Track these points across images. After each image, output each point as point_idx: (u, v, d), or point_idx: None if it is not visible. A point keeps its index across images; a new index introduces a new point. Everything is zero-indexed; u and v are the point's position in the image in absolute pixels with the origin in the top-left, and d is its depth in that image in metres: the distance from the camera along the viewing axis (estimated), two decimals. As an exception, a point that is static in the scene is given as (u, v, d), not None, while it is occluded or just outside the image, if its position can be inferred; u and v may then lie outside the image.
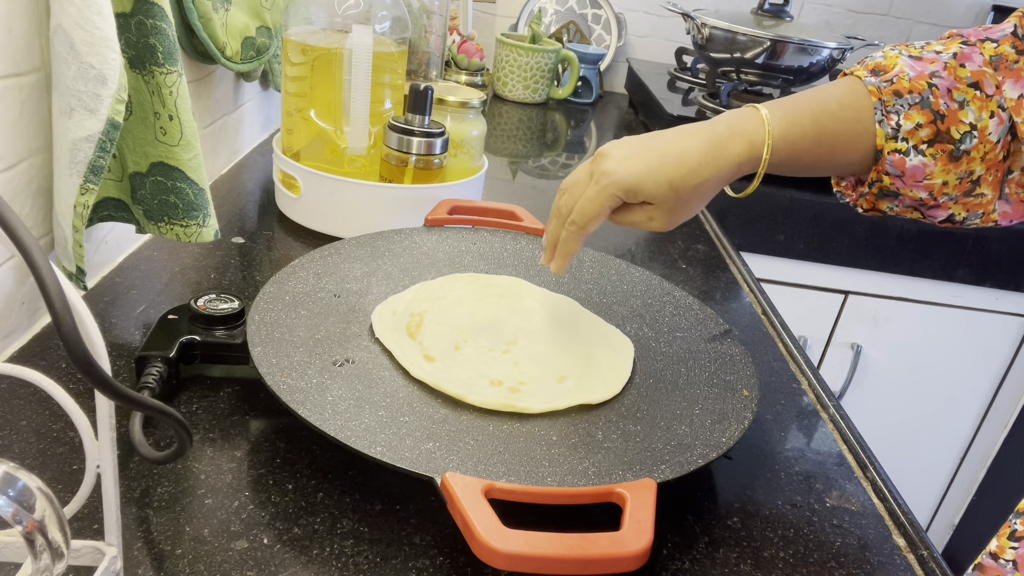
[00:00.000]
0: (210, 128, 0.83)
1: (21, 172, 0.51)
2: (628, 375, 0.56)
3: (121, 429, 0.46)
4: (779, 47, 1.25)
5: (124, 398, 0.27)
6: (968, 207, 0.56)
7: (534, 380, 0.54)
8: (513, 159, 1.18)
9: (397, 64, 0.78)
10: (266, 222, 0.79)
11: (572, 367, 0.55)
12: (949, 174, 0.53)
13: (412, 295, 0.61)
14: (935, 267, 1.28)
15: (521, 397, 0.51)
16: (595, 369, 0.56)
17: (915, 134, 0.53)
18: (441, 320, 0.58)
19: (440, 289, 0.62)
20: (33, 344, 0.54)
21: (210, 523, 0.41)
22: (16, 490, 0.24)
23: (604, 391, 0.53)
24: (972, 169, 0.53)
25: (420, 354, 0.54)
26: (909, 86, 0.53)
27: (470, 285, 0.63)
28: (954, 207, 0.56)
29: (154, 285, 0.64)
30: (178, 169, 0.57)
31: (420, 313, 0.58)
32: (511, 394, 0.52)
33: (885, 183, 0.55)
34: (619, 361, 0.57)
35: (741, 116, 0.54)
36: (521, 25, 1.66)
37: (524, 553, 0.36)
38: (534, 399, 0.51)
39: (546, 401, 0.51)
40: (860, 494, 0.52)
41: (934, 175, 0.54)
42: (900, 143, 0.53)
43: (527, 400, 0.51)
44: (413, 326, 0.57)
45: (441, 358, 0.54)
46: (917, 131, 0.53)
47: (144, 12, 0.52)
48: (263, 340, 0.49)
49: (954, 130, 0.52)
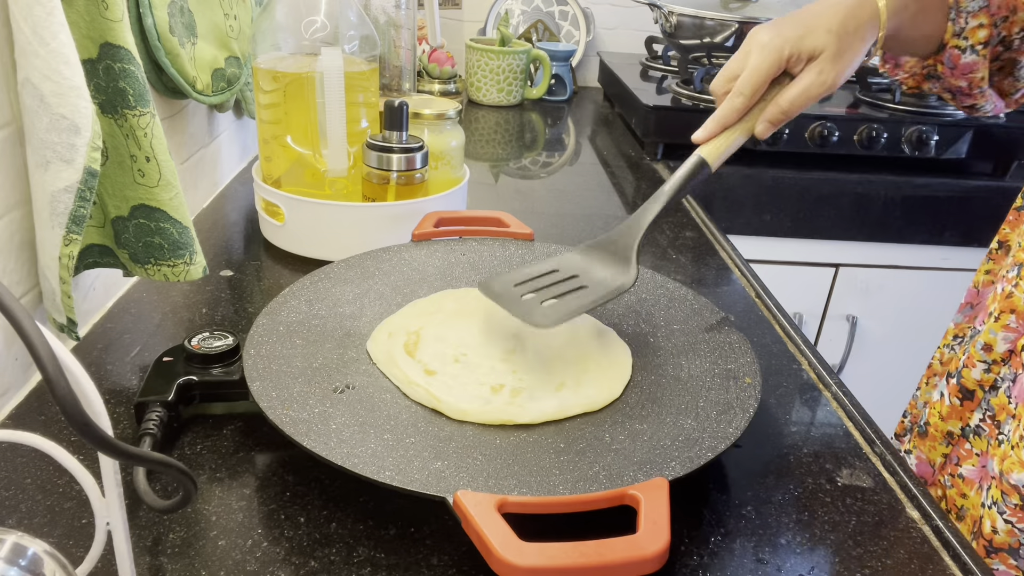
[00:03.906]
0: (188, 163, 0.83)
1: (2, 228, 0.51)
2: (627, 378, 0.56)
3: (127, 477, 0.45)
4: (747, 28, 1.25)
5: (125, 455, 0.27)
6: (987, 97, 0.65)
7: (532, 387, 0.53)
8: (494, 163, 1.18)
9: (369, 82, 0.77)
10: (253, 252, 0.79)
11: (568, 374, 0.55)
12: (986, 69, 0.62)
13: (406, 313, 0.61)
14: (922, 232, 1.28)
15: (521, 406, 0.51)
16: (592, 375, 0.55)
17: (975, 33, 0.61)
18: (439, 336, 0.58)
19: (433, 305, 0.62)
20: (31, 399, 0.54)
21: (225, 564, 0.41)
22: (27, 559, 0.24)
23: (601, 396, 0.53)
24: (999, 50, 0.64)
25: (421, 370, 0.54)
26: None
27: (463, 299, 0.63)
28: (980, 98, 0.65)
29: (146, 327, 0.64)
30: (160, 210, 0.57)
31: (416, 331, 0.58)
32: (508, 404, 0.51)
33: (938, 70, 0.64)
34: (616, 364, 0.57)
35: None
36: (489, 28, 1.66)
37: (543, 565, 0.36)
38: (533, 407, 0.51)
39: (542, 412, 0.51)
40: (870, 470, 0.52)
41: (978, 70, 0.62)
42: (962, 40, 0.61)
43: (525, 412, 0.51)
44: (411, 344, 0.56)
45: (441, 372, 0.54)
46: (978, 31, 0.60)
47: (111, 56, 0.52)
48: (261, 374, 0.49)
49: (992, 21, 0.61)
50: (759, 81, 0.56)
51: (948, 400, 0.64)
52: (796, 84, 0.57)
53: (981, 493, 0.59)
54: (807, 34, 0.55)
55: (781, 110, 0.57)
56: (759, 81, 0.56)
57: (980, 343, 0.61)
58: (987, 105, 0.67)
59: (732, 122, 0.57)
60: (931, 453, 0.66)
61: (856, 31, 0.56)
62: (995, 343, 0.60)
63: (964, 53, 0.61)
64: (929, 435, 0.66)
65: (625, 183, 1.13)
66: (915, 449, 0.68)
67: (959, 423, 0.63)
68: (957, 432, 0.63)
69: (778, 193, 1.23)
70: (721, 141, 0.57)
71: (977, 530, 0.58)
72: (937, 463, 0.66)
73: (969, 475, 0.61)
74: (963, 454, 0.62)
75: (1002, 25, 0.62)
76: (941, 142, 1.24)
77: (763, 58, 0.56)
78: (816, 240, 1.28)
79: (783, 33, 0.56)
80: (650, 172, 1.19)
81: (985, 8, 0.61)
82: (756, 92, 0.56)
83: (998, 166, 1.30)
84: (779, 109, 0.57)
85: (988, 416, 0.61)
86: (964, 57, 0.62)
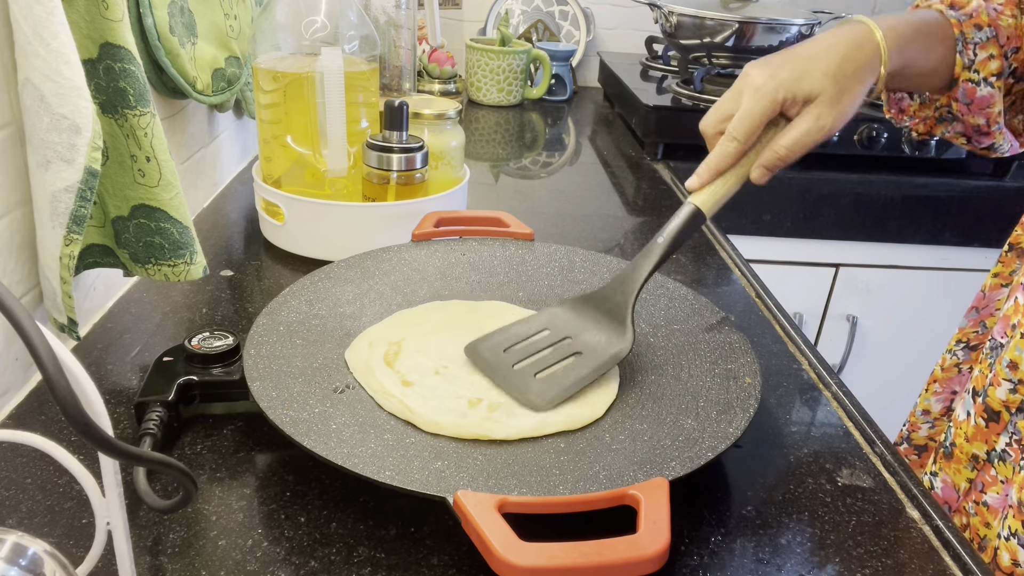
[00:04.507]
0: (188, 163, 0.83)
1: (2, 228, 0.51)
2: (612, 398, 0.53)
3: (127, 477, 0.45)
4: (747, 28, 1.25)
5: (125, 455, 0.27)
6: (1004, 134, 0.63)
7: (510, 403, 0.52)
8: (494, 163, 1.18)
9: (369, 82, 0.77)
10: (253, 251, 0.79)
11: None
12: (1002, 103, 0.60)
13: (390, 323, 0.59)
14: (922, 232, 1.28)
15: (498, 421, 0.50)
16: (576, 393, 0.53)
17: (986, 65, 0.59)
18: (420, 348, 0.56)
19: (419, 316, 0.61)
20: (31, 399, 0.54)
21: (226, 564, 0.41)
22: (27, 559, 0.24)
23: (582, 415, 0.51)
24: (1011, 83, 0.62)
25: (398, 380, 0.53)
26: (987, 20, 0.59)
27: (450, 310, 0.62)
28: (998, 136, 0.62)
29: (146, 327, 0.64)
30: (160, 210, 0.57)
31: (398, 341, 0.57)
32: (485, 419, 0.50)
33: (953, 108, 0.61)
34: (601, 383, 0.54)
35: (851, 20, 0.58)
36: (489, 28, 1.66)
37: (543, 565, 0.36)
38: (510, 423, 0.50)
39: (519, 429, 0.49)
40: (870, 470, 0.52)
41: (995, 104, 0.60)
42: (973, 73, 0.59)
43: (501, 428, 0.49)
44: (391, 355, 0.55)
45: (419, 384, 0.53)
46: (988, 62, 0.59)
47: (111, 56, 0.52)
48: (261, 374, 0.49)
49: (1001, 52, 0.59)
50: (753, 126, 0.54)
51: (974, 420, 0.59)
52: (792, 129, 0.54)
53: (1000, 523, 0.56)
54: (803, 76, 0.53)
55: (778, 156, 0.54)
56: (753, 126, 0.54)
57: (1005, 360, 0.56)
58: (1004, 144, 0.64)
59: (726, 168, 0.55)
60: (956, 477, 0.61)
61: (855, 74, 0.54)
62: (1020, 361, 0.55)
63: (979, 86, 0.59)
64: (954, 457, 0.61)
65: (625, 183, 1.13)
66: (941, 472, 0.63)
67: (984, 446, 0.58)
68: (983, 456, 0.58)
69: (778, 193, 1.23)
70: (715, 188, 0.55)
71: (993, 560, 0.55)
72: (962, 488, 0.60)
73: (994, 503, 0.57)
74: (988, 480, 0.58)
75: (1012, 57, 0.60)
76: (941, 142, 1.24)
77: (756, 102, 0.53)
78: (816, 240, 1.28)
79: (777, 75, 0.54)
80: (650, 172, 1.19)
81: (994, 38, 0.59)
82: (750, 137, 0.54)
83: (998, 166, 1.30)
84: (776, 155, 0.54)
85: (1015, 440, 0.56)
86: (980, 90, 0.59)
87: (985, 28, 0.59)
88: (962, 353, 0.71)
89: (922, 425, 0.74)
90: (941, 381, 0.72)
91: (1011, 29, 0.60)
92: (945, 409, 0.73)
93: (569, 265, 0.68)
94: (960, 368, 0.71)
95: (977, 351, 0.70)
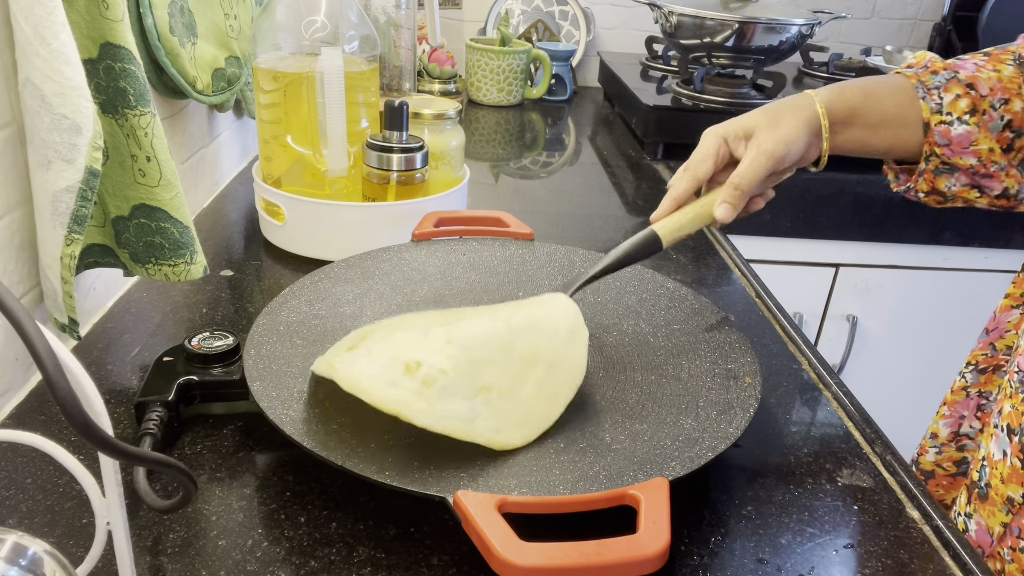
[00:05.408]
0: (188, 163, 0.83)
1: (2, 228, 0.51)
2: (546, 425, 0.49)
3: (127, 477, 0.46)
4: (747, 28, 1.25)
5: (125, 455, 0.27)
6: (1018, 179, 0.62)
7: (451, 381, 0.47)
8: (494, 163, 1.18)
9: (369, 82, 0.77)
10: (253, 251, 0.79)
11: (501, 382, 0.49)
12: (992, 141, 0.61)
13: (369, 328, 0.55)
14: (922, 232, 1.28)
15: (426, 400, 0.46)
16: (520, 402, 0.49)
17: (956, 105, 0.60)
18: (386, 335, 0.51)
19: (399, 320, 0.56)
20: (31, 399, 0.54)
21: (226, 564, 0.41)
22: (27, 559, 0.24)
23: (502, 438, 0.47)
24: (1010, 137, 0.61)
25: (344, 348, 0.49)
26: (943, 66, 0.62)
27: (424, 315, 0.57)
28: (1007, 179, 0.62)
29: (146, 327, 0.64)
30: (160, 209, 0.57)
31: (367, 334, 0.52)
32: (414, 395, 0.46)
33: (937, 153, 0.62)
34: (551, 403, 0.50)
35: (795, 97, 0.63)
36: (489, 28, 1.66)
37: (543, 565, 0.36)
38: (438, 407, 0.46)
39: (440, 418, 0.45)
40: (870, 470, 0.52)
41: (979, 141, 0.60)
42: (944, 115, 0.61)
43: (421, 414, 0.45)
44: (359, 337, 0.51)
45: (361, 347, 0.48)
46: (957, 102, 0.60)
47: (111, 56, 0.52)
48: (261, 374, 0.49)
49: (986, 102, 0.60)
50: (700, 157, 0.60)
51: (1010, 461, 0.56)
52: (742, 161, 0.60)
53: None
54: (741, 118, 0.61)
55: (733, 186, 0.59)
56: (700, 157, 0.60)
57: None
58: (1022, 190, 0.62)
59: (683, 199, 0.60)
60: (990, 520, 0.58)
61: (787, 108, 0.60)
62: None
63: (952, 126, 0.60)
64: (989, 499, 0.58)
65: (625, 183, 1.13)
66: (975, 514, 0.60)
67: (1021, 488, 0.55)
68: (1018, 499, 0.56)
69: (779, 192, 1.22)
70: (675, 219, 0.60)
71: None
72: (996, 532, 0.58)
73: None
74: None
75: (1002, 108, 0.60)
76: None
77: (705, 141, 0.61)
78: (816, 240, 1.28)
79: (723, 124, 0.61)
80: (650, 172, 1.19)
81: (954, 78, 0.61)
82: (699, 166, 0.60)
83: (998, 166, 1.29)
84: (731, 186, 0.59)
85: None
86: (954, 129, 0.60)
87: (941, 72, 0.62)
88: (971, 376, 0.70)
89: (929, 449, 0.73)
90: (950, 404, 0.71)
91: (994, 81, 0.61)
92: (952, 435, 0.71)
93: (569, 265, 0.68)
94: (968, 392, 0.70)
95: (987, 374, 0.69)
